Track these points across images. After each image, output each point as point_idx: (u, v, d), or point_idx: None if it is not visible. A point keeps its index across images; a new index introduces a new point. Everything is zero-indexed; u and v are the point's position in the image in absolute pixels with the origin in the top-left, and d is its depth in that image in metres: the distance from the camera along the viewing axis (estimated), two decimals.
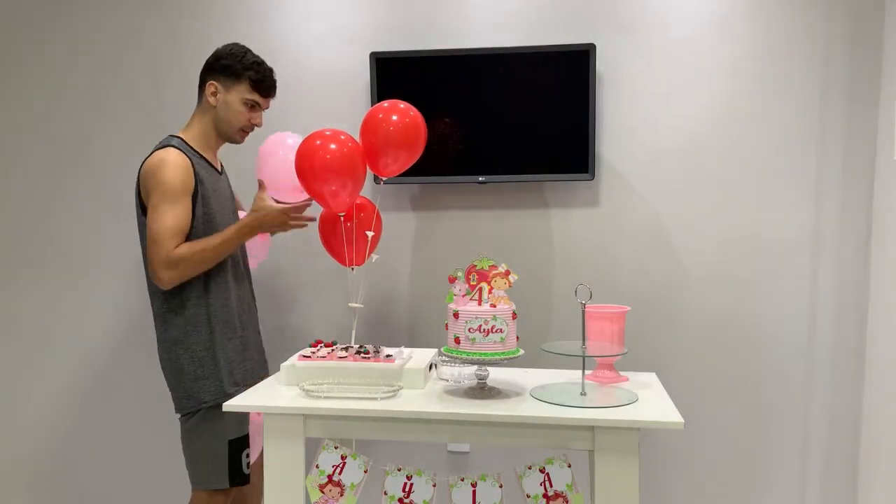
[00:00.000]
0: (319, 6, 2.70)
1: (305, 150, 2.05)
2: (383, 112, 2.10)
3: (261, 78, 2.15)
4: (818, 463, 2.59)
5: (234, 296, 2.18)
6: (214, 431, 2.12)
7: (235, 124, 2.16)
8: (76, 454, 2.94)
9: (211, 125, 2.17)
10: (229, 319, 2.15)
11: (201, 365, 2.10)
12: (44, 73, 2.84)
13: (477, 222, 2.70)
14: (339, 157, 2.03)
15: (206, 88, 2.15)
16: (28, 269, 2.91)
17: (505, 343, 1.83)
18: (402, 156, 2.11)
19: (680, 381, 2.58)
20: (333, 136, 2.06)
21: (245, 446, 2.16)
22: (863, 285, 2.52)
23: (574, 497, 1.79)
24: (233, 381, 2.14)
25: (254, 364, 2.25)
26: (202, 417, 2.12)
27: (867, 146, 2.48)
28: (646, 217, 2.61)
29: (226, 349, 2.13)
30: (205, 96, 2.16)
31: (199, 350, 2.11)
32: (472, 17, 2.63)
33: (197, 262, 2.03)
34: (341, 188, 2.06)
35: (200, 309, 2.11)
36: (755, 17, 2.51)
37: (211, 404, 2.09)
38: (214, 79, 2.14)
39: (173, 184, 2.01)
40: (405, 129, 2.09)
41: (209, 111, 2.16)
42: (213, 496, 2.14)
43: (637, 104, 2.58)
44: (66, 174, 2.86)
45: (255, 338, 2.29)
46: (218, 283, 2.13)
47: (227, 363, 2.13)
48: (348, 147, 2.06)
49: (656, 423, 1.75)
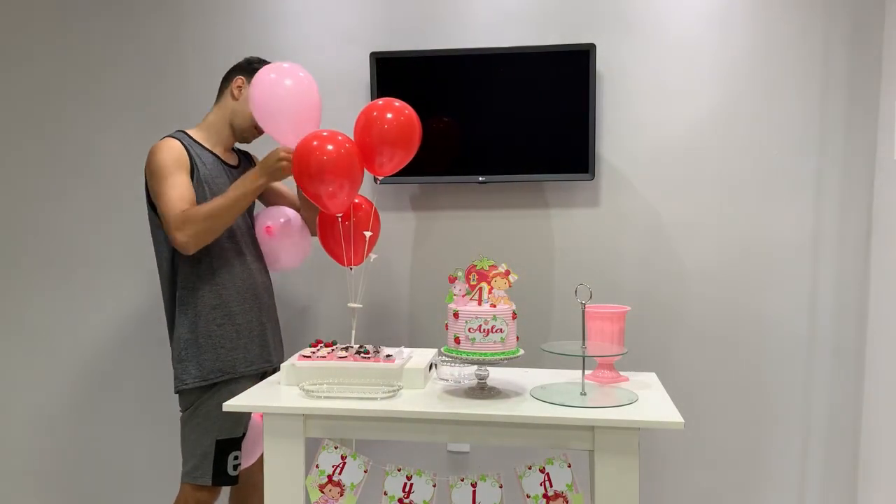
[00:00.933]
0: (319, 6, 2.70)
1: (302, 151, 2.04)
2: (378, 110, 2.10)
3: None
4: (818, 463, 2.59)
5: (233, 282, 2.18)
6: (205, 428, 2.14)
7: (252, 119, 2.19)
8: (78, 454, 2.94)
9: (226, 121, 2.24)
10: (220, 304, 2.16)
11: (185, 347, 2.14)
12: (45, 74, 2.84)
13: (477, 222, 2.70)
14: (335, 158, 2.02)
15: (233, 83, 2.23)
16: (29, 269, 2.91)
17: (505, 343, 1.83)
18: (398, 154, 2.11)
19: (680, 381, 2.58)
20: (330, 137, 2.05)
21: (234, 448, 2.17)
22: (863, 285, 2.52)
23: (574, 497, 1.79)
24: (217, 367, 2.14)
25: (252, 356, 2.22)
26: (195, 411, 2.14)
27: (867, 146, 2.48)
28: (646, 217, 2.61)
29: (212, 334, 2.14)
30: (228, 90, 2.24)
31: (184, 332, 2.14)
32: (472, 17, 2.63)
33: (206, 215, 2.05)
34: (339, 189, 2.05)
35: (186, 292, 2.14)
36: (755, 17, 2.51)
37: (192, 386, 2.13)
38: (242, 75, 2.23)
39: (166, 162, 2.09)
40: (400, 127, 2.08)
41: (228, 105, 2.23)
42: (197, 490, 2.16)
43: (637, 104, 2.58)
44: (68, 174, 2.86)
45: (260, 329, 2.27)
46: (211, 267, 2.15)
47: (213, 349, 2.14)
48: (346, 148, 2.05)
49: (656, 423, 1.75)
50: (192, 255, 2.11)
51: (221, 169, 2.21)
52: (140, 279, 2.83)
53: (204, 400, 2.14)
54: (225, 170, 2.23)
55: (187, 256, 2.11)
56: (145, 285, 2.83)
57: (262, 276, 2.31)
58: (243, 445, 2.22)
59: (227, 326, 2.17)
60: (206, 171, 2.16)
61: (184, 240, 2.03)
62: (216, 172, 2.19)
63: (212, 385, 2.14)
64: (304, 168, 2.03)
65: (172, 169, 2.08)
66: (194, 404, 2.15)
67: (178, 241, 2.04)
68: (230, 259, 2.19)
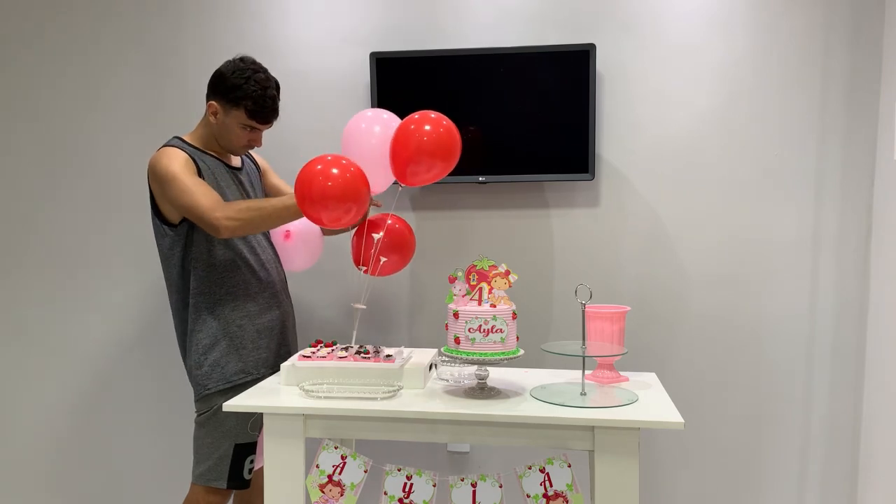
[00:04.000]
0: (319, 6, 2.70)
1: (305, 176, 1.96)
2: (415, 123, 2.01)
3: (258, 109, 2.10)
4: (818, 463, 2.59)
5: (252, 282, 2.18)
6: (223, 431, 2.13)
7: (234, 144, 2.18)
8: (80, 455, 2.94)
9: (212, 136, 2.19)
10: (239, 306, 2.15)
11: (205, 353, 2.13)
12: (45, 74, 2.84)
13: (477, 222, 2.70)
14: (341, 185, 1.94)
15: (208, 107, 2.15)
16: (30, 270, 2.91)
17: (505, 343, 1.83)
18: (437, 166, 2.01)
19: (680, 381, 2.58)
20: (335, 162, 1.97)
21: (251, 453, 2.17)
22: (863, 285, 2.52)
23: (574, 497, 1.79)
24: (239, 368, 2.15)
25: (272, 355, 2.23)
26: (214, 415, 2.12)
27: (867, 146, 2.48)
28: (646, 217, 2.61)
29: (233, 336, 2.14)
30: (207, 112, 2.16)
31: (204, 338, 2.13)
32: (472, 17, 2.63)
33: (248, 207, 2.03)
34: (344, 213, 1.98)
35: (203, 298, 2.13)
36: (755, 17, 2.51)
37: (214, 391, 2.12)
38: (215, 99, 2.13)
39: (175, 168, 2.05)
40: (439, 138, 1.99)
41: (210, 126, 2.17)
42: (209, 493, 2.15)
43: (637, 104, 2.58)
44: (68, 174, 2.86)
45: (280, 327, 2.26)
46: (228, 269, 2.13)
47: (236, 350, 2.14)
48: (350, 172, 1.97)
49: (656, 423, 1.75)
50: (205, 260, 2.11)
51: (224, 170, 2.20)
52: (141, 279, 2.83)
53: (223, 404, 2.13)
54: (228, 171, 2.22)
55: (200, 262, 2.11)
56: (146, 285, 2.83)
57: (280, 275, 2.32)
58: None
59: (247, 327, 2.17)
60: (211, 171, 2.15)
61: (225, 221, 1.98)
62: (220, 173, 2.18)
63: (232, 388, 2.13)
64: (307, 194, 1.95)
65: (182, 173, 2.04)
66: (213, 408, 2.13)
67: (220, 221, 1.98)
68: (247, 259, 2.18)
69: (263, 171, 2.42)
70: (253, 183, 2.31)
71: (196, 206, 2.01)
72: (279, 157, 2.56)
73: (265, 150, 2.41)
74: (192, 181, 2.05)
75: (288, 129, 2.63)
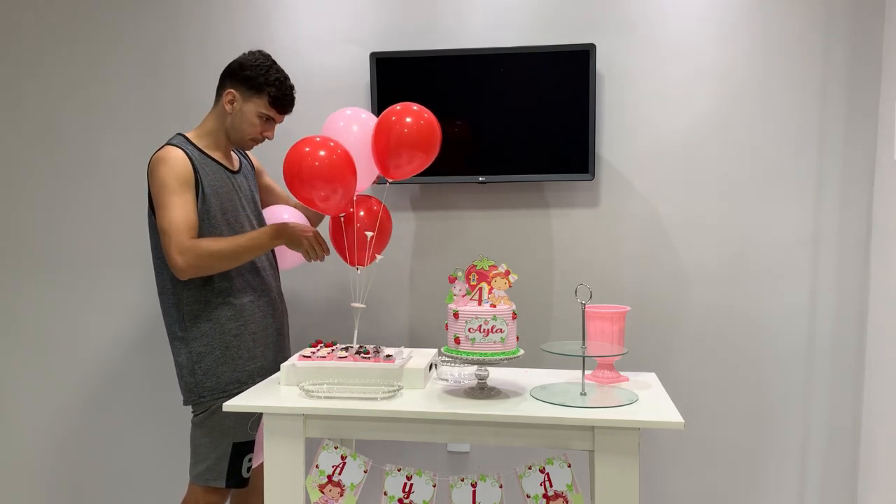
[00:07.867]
0: (319, 6, 2.70)
1: (294, 157, 2.05)
2: (396, 115, 2.09)
3: (281, 95, 2.15)
4: (818, 462, 2.59)
5: (247, 290, 2.17)
6: (221, 431, 2.12)
7: (247, 134, 2.17)
8: (80, 454, 2.94)
9: (222, 129, 2.18)
10: (235, 315, 2.14)
11: (198, 361, 2.12)
12: (44, 74, 2.84)
13: (477, 222, 2.70)
14: (327, 165, 2.03)
15: (224, 96, 2.14)
16: (32, 271, 2.91)
17: (505, 343, 1.83)
18: (418, 157, 2.10)
19: (680, 381, 2.58)
20: (323, 143, 2.06)
21: (249, 451, 2.16)
22: (863, 285, 2.52)
23: (574, 497, 1.79)
24: (234, 378, 2.13)
25: (268, 362, 2.22)
26: (211, 415, 2.12)
27: (867, 146, 2.48)
28: (646, 217, 2.61)
29: (229, 345, 2.13)
30: (221, 102, 2.15)
31: (198, 346, 2.12)
32: (472, 17, 2.63)
33: (211, 252, 2.03)
34: (331, 193, 2.06)
35: (198, 305, 2.11)
36: (755, 17, 2.51)
37: (208, 399, 2.11)
38: (234, 87, 2.13)
39: (171, 179, 2.04)
40: (419, 130, 2.08)
41: (223, 116, 2.16)
42: (207, 493, 2.14)
43: (637, 104, 2.58)
44: (70, 175, 2.86)
45: (276, 335, 2.26)
46: (224, 276, 2.12)
47: (231, 360, 2.13)
48: (337, 154, 2.05)
49: (656, 423, 1.75)
50: None
51: (225, 177, 2.18)
52: (141, 279, 2.83)
53: (221, 404, 2.12)
54: (228, 177, 2.20)
55: None
56: (146, 285, 2.82)
57: (275, 280, 2.31)
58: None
59: (243, 336, 2.16)
60: (211, 182, 2.12)
61: (182, 265, 2.00)
62: (220, 182, 2.16)
63: (228, 396, 2.10)
64: (296, 173, 2.04)
65: (177, 187, 2.03)
66: (210, 409, 2.12)
67: (177, 264, 2.00)
68: (243, 266, 2.17)
69: (258, 171, 2.41)
70: (251, 185, 2.30)
71: (166, 234, 2.01)
72: (279, 157, 2.55)
73: (265, 151, 2.40)
74: (180, 203, 2.03)
75: (288, 129, 2.62)
